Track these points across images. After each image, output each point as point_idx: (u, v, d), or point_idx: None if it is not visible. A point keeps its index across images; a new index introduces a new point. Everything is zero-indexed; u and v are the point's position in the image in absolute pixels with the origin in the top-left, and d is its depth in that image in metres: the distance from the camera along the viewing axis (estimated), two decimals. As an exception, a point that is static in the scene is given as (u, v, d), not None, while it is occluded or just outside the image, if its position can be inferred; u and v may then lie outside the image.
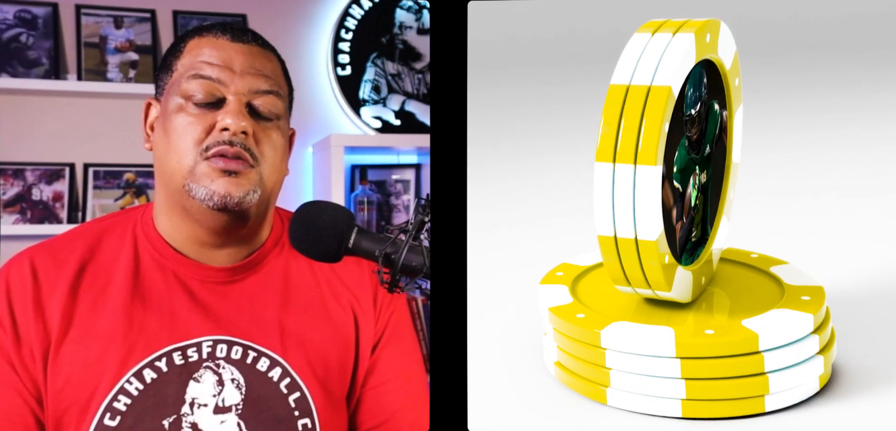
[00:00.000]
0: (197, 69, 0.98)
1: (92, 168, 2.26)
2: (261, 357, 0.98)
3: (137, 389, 0.94)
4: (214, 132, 0.96)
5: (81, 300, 0.97)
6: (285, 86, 1.04)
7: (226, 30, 1.01)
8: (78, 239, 1.02)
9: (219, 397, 0.96)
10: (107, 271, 0.99)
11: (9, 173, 2.21)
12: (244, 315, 1.00)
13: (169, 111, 0.98)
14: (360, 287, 1.06)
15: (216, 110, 0.97)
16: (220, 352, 0.97)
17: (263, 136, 0.99)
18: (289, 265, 1.04)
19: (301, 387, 0.98)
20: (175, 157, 0.97)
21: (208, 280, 1.00)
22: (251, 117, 0.98)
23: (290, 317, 1.01)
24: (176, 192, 0.98)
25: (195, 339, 0.97)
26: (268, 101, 1.00)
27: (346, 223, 0.85)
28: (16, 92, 2.20)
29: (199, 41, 1.01)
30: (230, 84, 0.98)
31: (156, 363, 0.96)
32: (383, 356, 1.06)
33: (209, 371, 0.97)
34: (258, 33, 1.05)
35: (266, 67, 1.01)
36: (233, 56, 0.99)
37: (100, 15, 2.29)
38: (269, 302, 1.01)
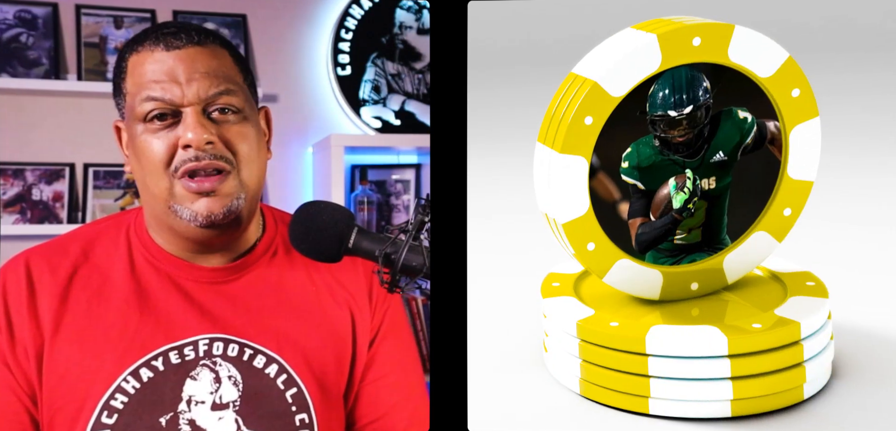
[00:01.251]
0: (145, 90, 0.96)
1: (92, 168, 2.26)
2: (257, 355, 0.99)
3: (134, 387, 0.95)
4: (179, 151, 0.95)
5: (75, 300, 0.98)
6: (239, 74, 1.01)
7: (158, 39, 0.97)
8: (73, 242, 1.02)
9: (216, 394, 0.96)
10: (101, 272, 1.00)
11: (9, 173, 2.21)
12: (240, 313, 1.00)
13: (134, 136, 0.97)
14: (355, 284, 1.06)
15: (176, 126, 0.95)
16: (217, 350, 0.98)
17: (232, 135, 0.97)
18: (282, 264, 1.04)
19: (298, 383, 0.99)
20: (152, 180, 0.96)
21: (203, 280, 1.01)
22: (212, 123, 0.96)
23: (285, 314, 1.02)
24: (161, 212, 0.98)
25: (191, 338, 0.98)
26: (223, 101, 0.97)
27: (346, 223, 0.85)
28: (16, 92, 2.20)
29: (137, 58, 0.98)
30: (180, 96, 0.95)
31: (152, 361, 0.96)
32: (381, 351, 1.06)
33: (206, 369, 0.97)
34: (194, 27, 1.01)
35: (211, 66, 0.97)
36: (174, 66, 0.96)
37: (100, 15, 2.29)
38: (265, 300, 1.02)
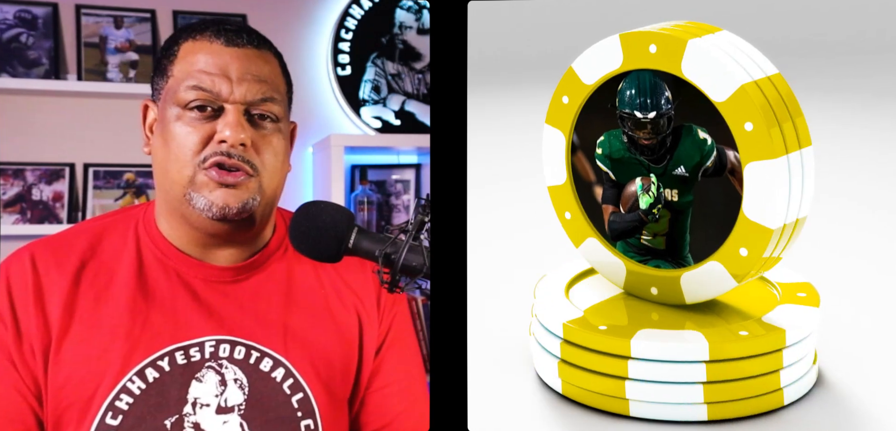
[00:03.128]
0: (193, 78, 0.96)
1: (92, 168, 2.26)
2: (264, 358, 0.98)
3: (140, 388, 0.94)
4: (212, 143, 0.95)
5: (83, 296, 0.96)
6: (284, 84, 1.03)
7: (219, 33, 0.99)
8: (79, 236, 1.01)
9: (221, 397, 0.96)
10: (109, 268, 0.99)
11: (9, 173, 2.21)
12: (247, 315, 0.99)
13: (167, 119, 0.97)
14: (363, 289, 1.05)
15: (215, 120, 0.96)
16: (223, 352, 0.97)
17: (263, 143, 0.98)
18: (292, 266, 1.04)
19: (304, 388, 0.98)
20: (175, 166, 0.96)
21: (211, 280, 1.00)
22: (250, 126, 0.97)
23: (293, 318, 1.01)
24: (176, 199, 0.97)
25: (198, 338, 0.97)
26: (266, 108, 0.98)
27: (346, 223, 0.85)
28: (16, 92, 2.20)
29: (193, 45, 0.99)
30: (228, 93, 0.96)
31: (158, 362, 0.95)
32: (387, 359, 1.05)
33: (212, 371, 0.96)
34: (253, 30, 1.03)
35: (263, 71, 0.99)
36: (229, 62, 0.97)
37: (100, 15, 2.29)
38: (273, 302, 1.01)
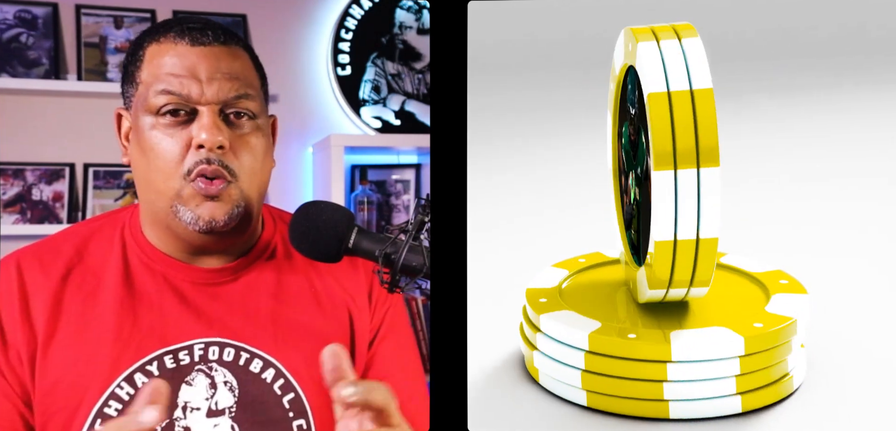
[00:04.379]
0: (161, 82, 0.94)
1: (92, 168, 2.26)
2: (254, 359, 0.97)
3: (128, 394, 0.93)
4: (191, 150, 0.93)
5: (68, 302, 0.95)
6: (257, 79, 1.00)
7: (183, 32, 0.96)
8: (65, 242, 1.00)
9: (212, 400, 0.94)
10: (95, 273, 0.97)
11: (9, 173, 2.21)
12: (236, 316, 0.98)
13: (141, 128, 0.95)
14: (354, 284, 1.04)
15: (189, 124, 0.94)
16: (213, 354, 0.96)
17: (241, 144, 0.96)
18: (280, 265, 1.03)
19: (295, 388, 0.97)
20: (159, 178, 0.94)
21: (199, 282, 0.99)
22: (227, 126, 0.95)
23: (282, 316, 1.00)
24: (162, 212, 0.96)
25: (186, 342, 0.96)
26: (241, 105, 0.96)
27: (346, 223, 0.85)
28: (16, 92, 2.20)
29: (158, 48, 0.96)
30: (199, 94, 0.94)
31: (147, 367, 0.94)
32: (380, 352, 1.04)
33: (201, 374, 0.95)
34: (219, 26, 0.99)
35: (233, 67, 0.96)
36: (196, 62, 0.94)
37: (100, 15, 2.29)
38: (262, 303, 1.00)
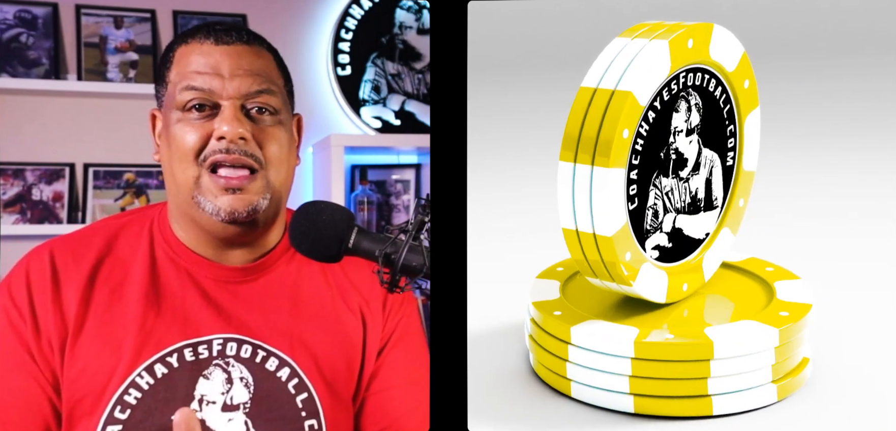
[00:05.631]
0: (187, 79, 0.98)
1: (92, 168, 2.26)
2: (270, 357, 0.99)
3: (148, 383, 0.95)
4: (211, 141, 0.97)
5: (98, 293, 0.98)
6: (280, 78, 1.04)
7: (209, 33, 1.01)
8: (96, 235, 1.03)
9: (227, 395, 0.97)
10: (124, 267, 1.01)
11: (9, 173, 2.21)
12: (255, 315, 1.01)
13: (169, 123, 1.00)
14: (369, 291, 1.06)
15: (213, 119, 0.98)
16: (230, 350, 0.98)
17: (265, 136, 0.99)
18: (300, 267, 1.05)
19: (309, 388, 0.99)
20: (179, 168, 0.98)
21: (221, 279, 1.01)
22: (249, 120, 0.98)
23: (299, 318, 1.02)
24: (184, 203, 0.99)
25: (206, 336, 0.98)
26: (262, 100, 1.00)
27: (345, 223, 0.85)
28: (16, 92, 2.20)
29: (185, 49, 1.01)
30: (222, 90, 0.98)
31: (167, 358, 0.97)
32: (388, 361, 1.05)
33: (219, 369, 0.97)
34: (244, 28, 1.04)
35: (255, 65, 1.00)
36: (220, 60, 0.99)
37: (100, 15, 2.29)
38: (280, 303, 1.02)
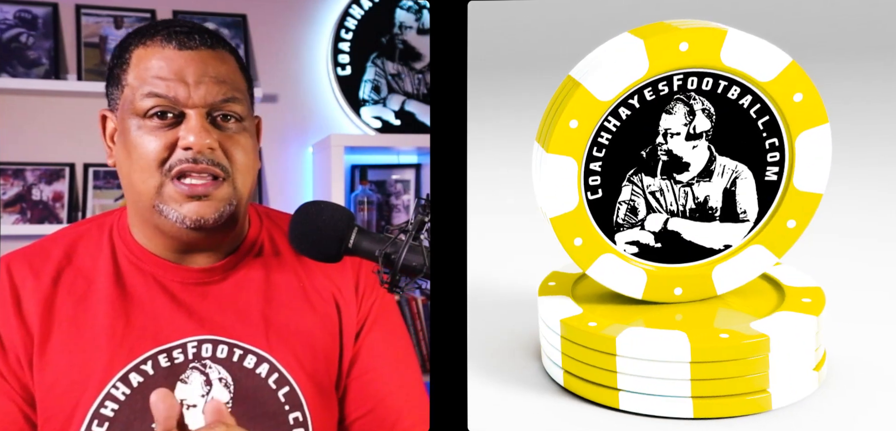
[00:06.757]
0: (148, 85, 0.95)
1: (92, 168, 2.26)
2: (247, 355, 0.97)
3: (124, 394, 0.93)
4: (177, 150, 0.94)
5: (61, 305, 0.95)
6: (243, 82, 1.01)
7: (171, 36, 0.96)
8: (53, 245, 1.00)
9: (208, 396, 0.95)
10: (86, 276, 0.98)
11: (9, 173, 2.21)
12: (227, 314, 0.99)
13: (127, 130, 0.96)
14: (340, 277, 1.04)
15: (176, 126, 0.94)
16: (206, 352, 0.96)
17: (231, 143, 0.96)
18: (268, 262, 1.03)
19: (289, 381, 0.98)
20: (140, 177, 0.94)
21: (189, 281, 0.99)
22: (215, 128, 0.95)
23: (273, 312, 1.00)
24: (145, 211, 0.96)
25: (180, 340, 0.96)
26: (228, 108, 0.96)
27: (346, 223, 0.85)
28: (16, 92, 2.20)
29: (144, 51, 0.97)
30: (186, 97, 0.94)
31: (141, 366, 0.94)
32: (366, 344, 1.04)
33: (196, 372, 0.95)
34: (205, 30, 1.00)
35: (221, 71, 0.97)
36: (184, 66, 0.95)
37: (100, 15, 2.29)
38: (252, 299, 1.00)
